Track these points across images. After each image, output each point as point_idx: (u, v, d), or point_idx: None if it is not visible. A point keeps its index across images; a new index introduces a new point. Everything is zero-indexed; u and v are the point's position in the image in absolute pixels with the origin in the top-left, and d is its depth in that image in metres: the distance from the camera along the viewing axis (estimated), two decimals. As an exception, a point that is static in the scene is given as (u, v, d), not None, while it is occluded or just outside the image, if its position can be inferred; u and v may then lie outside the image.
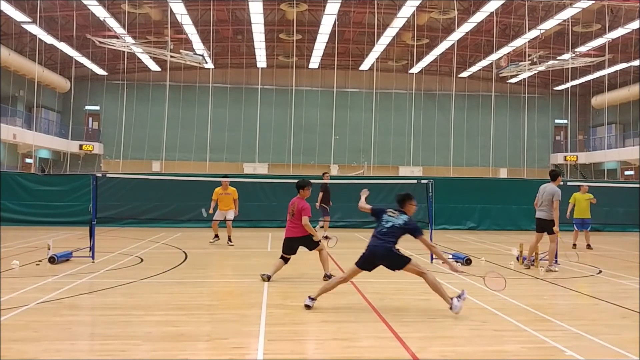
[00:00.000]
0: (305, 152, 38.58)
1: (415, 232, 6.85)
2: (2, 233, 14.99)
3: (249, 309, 6.87)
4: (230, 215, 14.06)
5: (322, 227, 15.35)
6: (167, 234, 16.18)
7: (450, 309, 6.60)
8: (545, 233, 10.56)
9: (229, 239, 13.98)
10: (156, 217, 18.28)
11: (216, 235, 14.29)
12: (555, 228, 10.25)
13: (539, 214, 10.68)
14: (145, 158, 38.10)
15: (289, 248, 8.97)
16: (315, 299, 6.87)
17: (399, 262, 6.85)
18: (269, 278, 8.72)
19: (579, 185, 15.13)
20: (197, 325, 6.06)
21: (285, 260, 9.00)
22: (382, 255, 6.82)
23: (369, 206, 7.52)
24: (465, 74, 41.05)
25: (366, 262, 6.92)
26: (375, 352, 5.31)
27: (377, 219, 7.14)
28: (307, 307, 6.79)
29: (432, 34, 34.19)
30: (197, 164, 35.86)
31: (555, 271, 10.21)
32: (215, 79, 38.08)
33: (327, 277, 8.73)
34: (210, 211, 14.08)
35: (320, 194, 15.30)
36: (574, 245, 14.67)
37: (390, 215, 7.03)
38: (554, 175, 10.65)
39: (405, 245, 14.24)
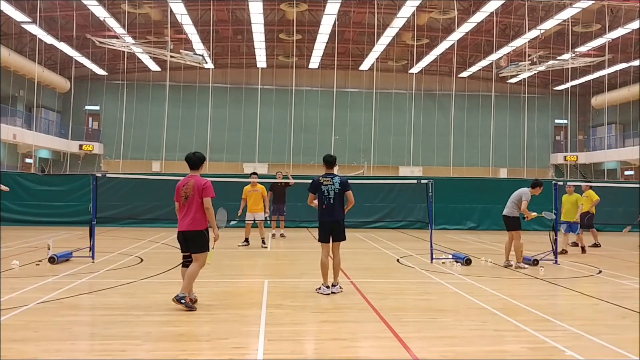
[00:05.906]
0: (305, 152, 38.52)
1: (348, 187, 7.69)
2: (2, 233, 14.99)
3: (249, 309, 6.87)
4: (260, 216, 13.70)
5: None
6: (167, 234, 16.15)
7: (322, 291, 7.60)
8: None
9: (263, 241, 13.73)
10: (156, 217, 18.23)
11: (246, 239, 13.86)
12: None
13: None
14: (145, 158, 38.05)
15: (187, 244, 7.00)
16: None
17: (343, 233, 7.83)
18: (191, 303, 6.65)
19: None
20: (197, 325, 6.06)
21: (189, 265, 6.92)
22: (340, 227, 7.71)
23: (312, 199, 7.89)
24: (465, 74, 41.02)
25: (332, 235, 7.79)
26: (375, 352, 5.31)
27: (318, 192, 7.71)
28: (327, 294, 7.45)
29: (432, 34, 34.17)
30: (197, 164, 35.67)
31: (524, 268, 10.54)
32: (215, 79, 38.05)
33: (190, 299, 6.72)
34: (239, 213, 13.46)
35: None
36: (576, 244, 14.65)
37: (326, 184, 7.57)
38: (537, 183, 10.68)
39: (406, 244, 14.24)
